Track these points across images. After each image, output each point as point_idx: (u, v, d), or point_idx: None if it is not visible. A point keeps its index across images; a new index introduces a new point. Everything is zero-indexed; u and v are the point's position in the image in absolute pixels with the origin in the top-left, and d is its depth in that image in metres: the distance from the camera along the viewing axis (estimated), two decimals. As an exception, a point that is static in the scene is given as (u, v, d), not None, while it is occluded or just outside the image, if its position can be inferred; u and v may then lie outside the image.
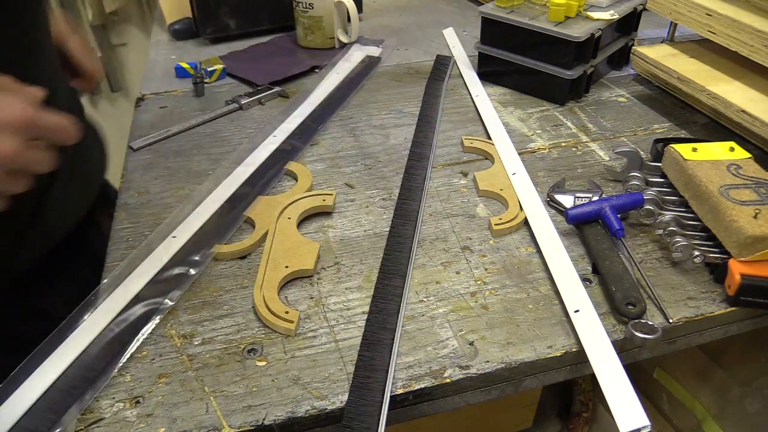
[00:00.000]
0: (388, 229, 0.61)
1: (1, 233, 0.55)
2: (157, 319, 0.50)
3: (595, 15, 0.83)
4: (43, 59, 0.55)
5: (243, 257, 0.58)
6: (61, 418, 0.42)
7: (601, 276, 0.54)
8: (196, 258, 0.56)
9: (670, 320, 0.51)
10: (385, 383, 0.44)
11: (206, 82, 0.90)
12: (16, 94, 0.43)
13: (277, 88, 0.88)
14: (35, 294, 0.62)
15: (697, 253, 0.54)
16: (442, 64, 0.96)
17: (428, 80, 0.91)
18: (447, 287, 0.54)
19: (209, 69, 0.91)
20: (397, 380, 0.46)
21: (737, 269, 0.51)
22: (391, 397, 0.44)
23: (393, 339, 0.48)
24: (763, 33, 0.69)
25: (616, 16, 0.84)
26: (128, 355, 0.47)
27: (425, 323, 0.51)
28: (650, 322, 0.48)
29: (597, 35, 0.81)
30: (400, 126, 0.80)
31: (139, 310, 0.51)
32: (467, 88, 0.90)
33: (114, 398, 0.44)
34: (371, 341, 0.48)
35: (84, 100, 0.70)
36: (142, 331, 0.49)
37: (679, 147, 0.62)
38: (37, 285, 0.62)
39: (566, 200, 0.64)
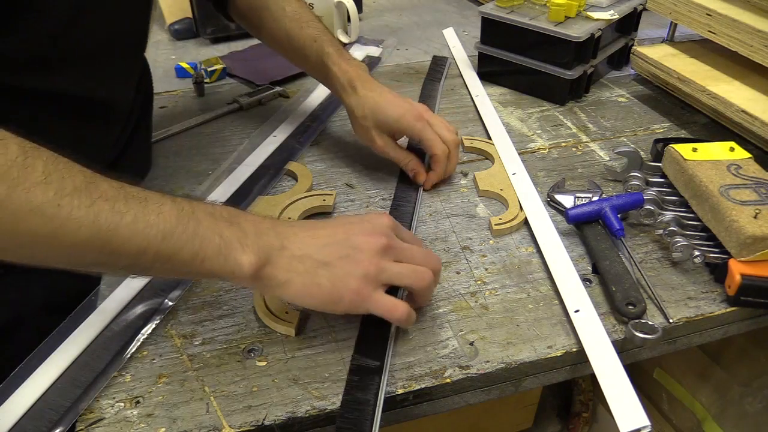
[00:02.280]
0: (388, 229, 0.61)
1: None
2: (157, 319, 0.50)
3: (595, 15, 0.83)
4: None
5: (243, 257, 0.58)
6: (61, 418, 0.42)
7: (601, 276, 0.54)
8: (196, 258, 0.56)
9: (670, 320, 0.51)
10: (380, 386, 0.44)
11: (206, 82, 0.90)
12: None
13: (277, 88, 0.88)
14: None
15: (697, 253, 0.54)
16: (439, 64, 0.96)
17: (424, 81, 0.91)
18: (447, 287, 0.54)
19: (209, 69, 0.91)
20: (397, 380, 0.46)
21: (737, 269, 0.51)
22: (391, 397, 0.44)
23: (388, 340, 0.47)
24: (763, 33, 0.69)
25: (616, 16, 0.84)
26: (128, 355, 0.47)
27: (425, 323, 0.51)
28: (650, 322, 0.48)
29: (597, 35, 0.81)
30: (400, 126, 0.80)
31: (139, 310, 0.51)
32: (467, 88, 0.90)
33: (114, 398, 0.44)
34: (366, 341, 0.47)
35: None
36: (142, 331, 0.49)
37: (679, 147, 0.62)
38: None
39: (566, 200, 0.64)
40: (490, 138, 0.76)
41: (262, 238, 0.43)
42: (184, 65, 0.92)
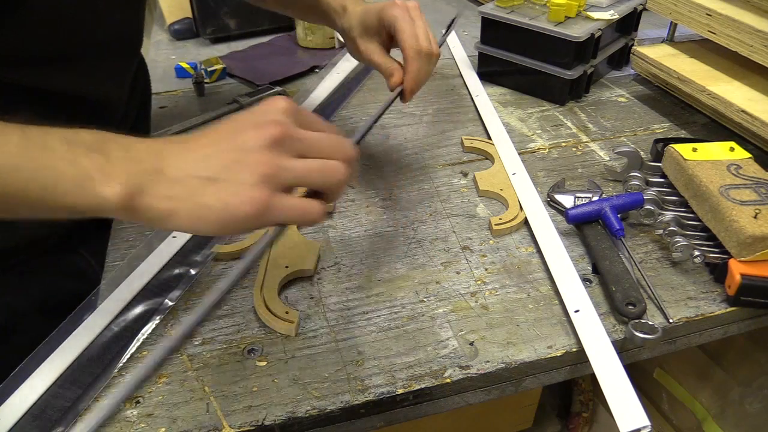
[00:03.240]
0: (388, 229, 0.61)
1: None
2: (157, 319, 0.50)
3: (595, 15, 0.83)
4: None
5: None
6: (61, 418, 0.42)
7: (601, 276, 0.54)
8: (196, 258, 0.56)
9: (670, 320, 0.51)
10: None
11: (206, 82, 0.90)
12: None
13: (277, 88, 0.88)
14: (72, 254, 0.62)
15: (697, 253, 0.54)
16: None
17: None
18: (447, 287, 0.54)
19: (209, 69, 0.91)
20: (397, 380, 0.46)
21: (737, 269, 0.51)
22: (391, 397, 0.44)
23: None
24: (763, 33, 0.69)
25: (616, 16, 0.84)
26: (128, 355, 0.47)
27: (425, 323, 0.51)
28: (650, 322, 0.48)
29: (597, 35, 0.81)
30: (399, 126, 0.80)
31: (139, 310, 0.51)
32: (467, 88, 0.90)
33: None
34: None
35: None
36: (142, 331, 0.49)
37: (679, 147, 0.62)
38: (74, 245, 0.62)
39: (566, 200, 0.64)
40: (490, 138, 0.76)
41: (132, 164, 0.36)
42: (184, 65, 0.92)
